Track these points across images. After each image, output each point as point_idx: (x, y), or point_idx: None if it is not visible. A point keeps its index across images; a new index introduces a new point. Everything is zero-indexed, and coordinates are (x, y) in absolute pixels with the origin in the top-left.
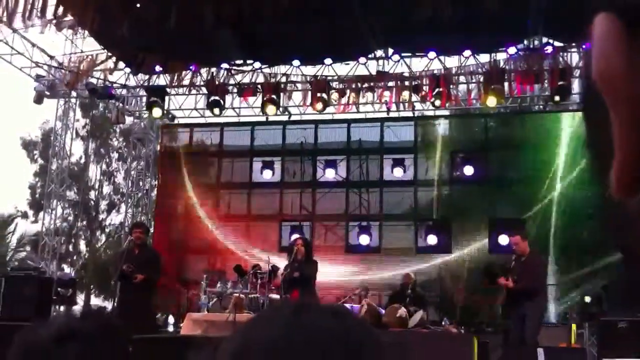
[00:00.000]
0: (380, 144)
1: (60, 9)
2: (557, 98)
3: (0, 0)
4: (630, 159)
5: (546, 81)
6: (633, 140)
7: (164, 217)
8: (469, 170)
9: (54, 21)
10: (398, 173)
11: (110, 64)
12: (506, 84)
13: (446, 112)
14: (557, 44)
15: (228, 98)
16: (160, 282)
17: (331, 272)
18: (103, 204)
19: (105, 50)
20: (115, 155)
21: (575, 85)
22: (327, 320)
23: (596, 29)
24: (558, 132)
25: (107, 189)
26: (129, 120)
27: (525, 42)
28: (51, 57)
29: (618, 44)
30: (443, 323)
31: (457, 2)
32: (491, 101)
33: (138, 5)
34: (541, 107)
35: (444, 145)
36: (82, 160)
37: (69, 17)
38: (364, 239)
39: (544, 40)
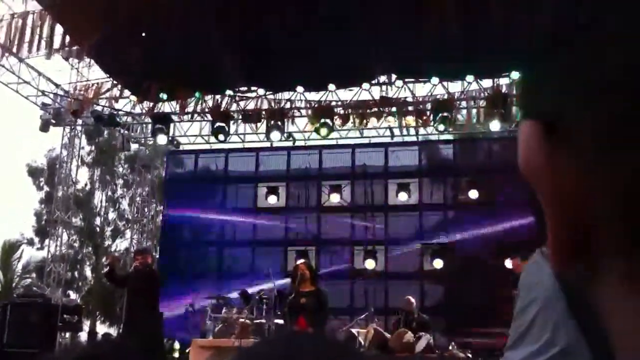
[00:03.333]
0: (385, 169)
1: (67, 38)
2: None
3: (8, 30)
4: (555, 241)
5: None
6: (555, 224)
7: (169, 243)
8: (474, 194)
9: (61, 50)
10: (403, 197)
11: (116, 91)
12: (510, 108)
13: (450, 137)
14: None
15: (232, 124)
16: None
17: (337, 297)
18: (108, 230)
19: (111, 78)
20: (120, 181)
21: None
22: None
23: (520, 131)
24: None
25: (112, 215)
26: (134, 147)
27: None
28: (57, 86)
29: (538, 144)
30: (450, 347)
31: (459, 28)
32: (495, 125)
33: (143, 34)
34: None
35: (448, 169)
36: (88, 187)
37: (75, 46)
38: (370, 264)
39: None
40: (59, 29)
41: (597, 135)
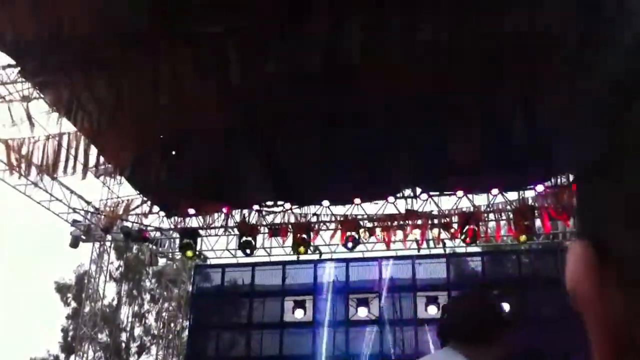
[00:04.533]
0: (413, 281)
1: (101, 158)
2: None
3: (44, 151)
4: None
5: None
6: (601, 350)
7: (195, 359)
8: (505, 307)
9: (93, 168)
10: (432, 311)
11: (145, 207)
12: (537, 221)
13: (478, 249)
14: None
15: (259, 238)
16: None
17: None
18: (134, 347)
19: (141, 195)
20: (147, 296)
21: None
22: None
23: (570, 252)
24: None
25: (138, 330)
26: (161, 261)
27: (553, 179)
28: (88, 203)
29: (587, 268)
30: None
31: (484, 143)
32: (522, 238)
33: (173, 152)
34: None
35: (477, 282)
36: (115, 302)
37: (107, 165)
38: None
39: (572, 177)
40: (92, 149)
41: None
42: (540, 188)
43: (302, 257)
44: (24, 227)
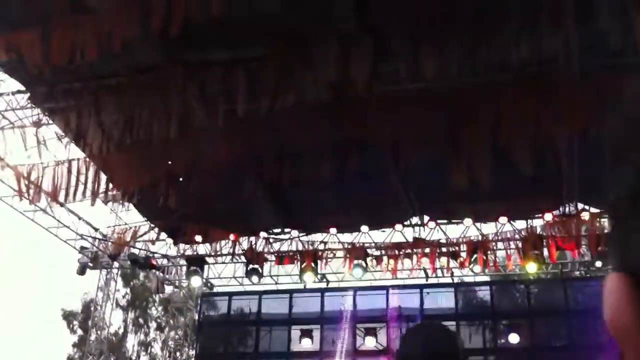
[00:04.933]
0: (421, 311)
1: (109, 185)
2: (598, 264)
3: (53, 177)
4: None
5: (584, 247)
6: None
7: None
8: (514, 338)
9: (101, 195)
10: None
11: (152, 235)
12: (545, 250)
13: (486, 278)
14: (593, 210)
15: (266, 266)
16: None
17: None
18: None
19: (148, 222)
20: (153, 324)
21: None
22: None
23: (608, 283)
24: (601, 297)
25: (144, 359)
26: (168, 289)
27: (562, 208)
28: (96, 230)
29: (627, 300)
30: None
31: (492, 171)
32: (531, 267)
33: (181, 179)
34: (583, 272)
35: (486, 312)
36: (121, 330)
37: (115, 191)
38: None
39: (580, 206)
40: (101, 176)
41: None
42: (548, 216)
43: (309, 285)
44: (32, 254)
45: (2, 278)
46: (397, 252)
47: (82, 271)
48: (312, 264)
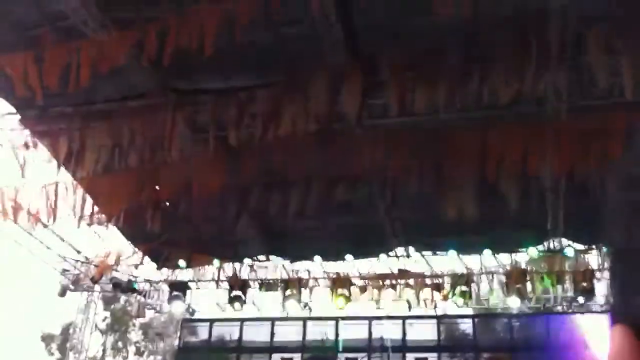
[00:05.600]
0: (403, 342)
1: (95, 208)
2: (580, 299)
3: (39, 199)
4: None
5: (567, 282)
6: None
7: None
8: None
9: (87, 218)
10: None
11: (136, 258)
12: (528, 284)
13: (469, 311)
14: (577, 246)
15: (249, 292)
16: None
17: None
18: None
19: (132, 245)
20: (132, 348)
21: (599, 287)
22: None
23: (612, 336)
24: (583, 333)
25: None
26: (149, 313)
27: (545, 244)
28: (78, 252)
29: (632, 353)
30: None
31: (478, 205)
32: (514, 301)
33: (167, 203)
34: (565, 307)
35: (468, 345)
36: (99, 354)
37: (100, 214)
38: None
39: (564, 242)
40: (87, 198)
41: None
42: (532, 251)
43: (292, 314)
44: (13, 274)
45: None
46: (381, 282)
47: (63, 293)
48: (295, 292)
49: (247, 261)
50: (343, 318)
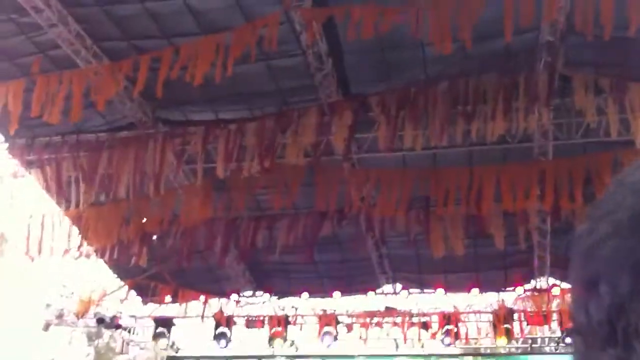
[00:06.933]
0: None
1: (82, 241)
2: (568, 340)
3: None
4: None
5: (555, 323)
6: None
7: None
8: None
9: (73, 251)
10: None
11: (122, 293)
12: (515, 324)
13: (457, 351)
14: (564, 285)
15: (235, 329)
16: None
17: None
18: None
19: (119, 279)
20: None
21: None
22: None
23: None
24: None
25: None
26: (133, 350)
27: (533, 282)
28: (63, 286)
29: None
30: None
31: (465, 244)
32: (501, 341)
33: (154, 237)
34: (552, 348)
35: None
36: None
37: (87, 247)
38: None
39: (551, 281)
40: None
41: None
42: (519, 290)
43: (278, 351)
44: None
45: None
46: (368, 320)
47: (46, 328)
48: (282, 330)
49: (234, 297)
50: (329, 357)
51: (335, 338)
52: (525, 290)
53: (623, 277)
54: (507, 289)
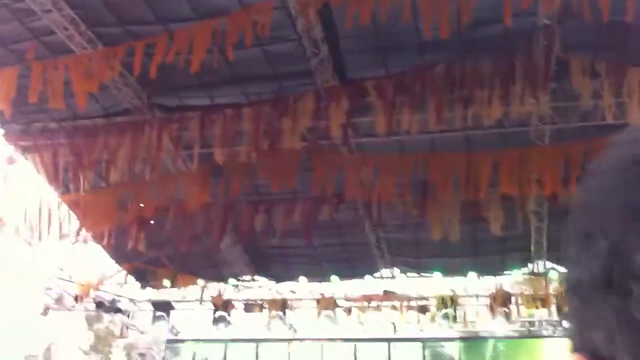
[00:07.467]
0: None
1: (80, 226)
2: (565, 323)
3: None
4: None
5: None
6: None
7: None
8: None
9: (71, 236)
10: None
11: (120, 277)
12: (513, 307)
13: (454, 334)
14: (561, 269)
15: (234, 312)
16: None
17: None
18: None
19: (117, 264)
20: None
21: None
22: None
23: None
24: (568, 357)
25: None
26: (132, 334)
27: (530, 266)
28: (62, 270)
29: None
30: None
31: (463, 228)
32: (499, 324)
33: (152, 221)
34: (551, 332)
35: None
36: None
37: (85, 232)
38: None
39: (548, 265)
40: (71, 216)
41: None
42: (517, 274)
43: (277, 335)
44: None
45: None
46: (366, 304)
47: (45, 312)
48: (280, 313)
49: (232, 281)
50: (328, 339)
51: (334, 322)
52: (522, 274)
53: (615, 220)
54: (505, 272)
